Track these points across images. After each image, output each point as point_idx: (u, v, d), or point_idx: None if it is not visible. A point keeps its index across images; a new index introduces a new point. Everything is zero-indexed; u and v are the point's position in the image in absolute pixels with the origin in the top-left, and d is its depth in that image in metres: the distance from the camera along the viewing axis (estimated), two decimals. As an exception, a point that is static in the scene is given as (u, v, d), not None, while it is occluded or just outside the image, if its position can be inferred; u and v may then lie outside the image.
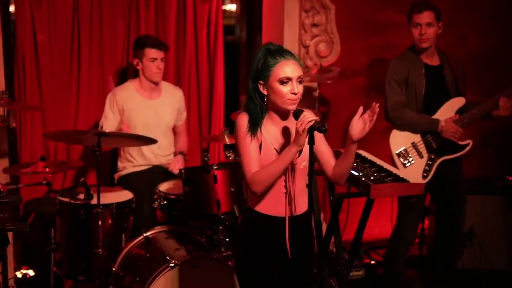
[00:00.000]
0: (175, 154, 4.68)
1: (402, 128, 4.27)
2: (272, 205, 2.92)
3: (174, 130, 4.75)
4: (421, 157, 4.25)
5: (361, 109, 2.85)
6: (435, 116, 4.25)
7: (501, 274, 4.95)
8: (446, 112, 4.27)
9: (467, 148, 4.29)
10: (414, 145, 4.26)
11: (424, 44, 4.25)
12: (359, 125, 2.82)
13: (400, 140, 4.28)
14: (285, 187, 2.91)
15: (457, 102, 4.29)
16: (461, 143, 4.27)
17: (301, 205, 2.95)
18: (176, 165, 4.52)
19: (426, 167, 4.24)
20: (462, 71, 4.37)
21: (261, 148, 2.87)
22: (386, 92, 4.30)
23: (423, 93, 4.24)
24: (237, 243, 3.07)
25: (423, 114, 4.24)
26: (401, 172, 3.38)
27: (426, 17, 4.21)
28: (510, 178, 5.18)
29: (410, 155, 4.24)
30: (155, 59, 4.43)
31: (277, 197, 2.91)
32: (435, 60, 4.33)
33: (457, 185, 4.39)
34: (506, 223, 4.98)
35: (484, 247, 4.96)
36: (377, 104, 2.83)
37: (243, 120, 2.87)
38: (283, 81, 2.81)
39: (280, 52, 2.84)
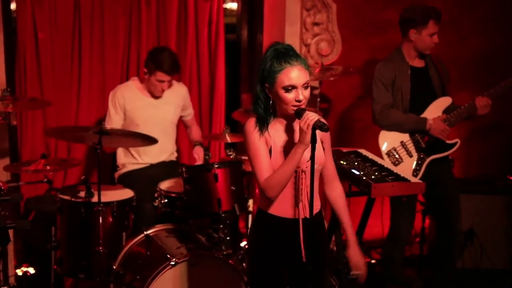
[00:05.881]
0: (194, 144, 4.65)
1: (389, 128, 4.28)
2: (286, 207, 2.88)
3: (185, 124, 4.77)
4: (411, 156, 4.26)
5: None
6: (422, 116, 4.27)
7: (502, 273, 4.94)
8: (434, 111, 4.28)
9: (455, 147, 4.30)
10: (403, 144, 4.27)
11: (430, 51, 4.27)
12: None
13: (389, 140, 4.29)
14: (298, 189, 2.87)
15: (444, 101, 4.32)
16: (448, 142, 4.28)
17: (315, 207, 2.90)
18: (200, 155, 4.50)
19: (416, 167, 4.25)
20: (446, 74, 4.39)
21: (271, 152, 2.84)
22: (373, 94, 4.32)
23: (409, 95, 4.26)
24: (249, 246, 3.06)
25: (410, 114, 4.26)
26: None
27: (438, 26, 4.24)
28: (510, 178, 5.18)
29: (399, 154, 4.25)
30: (162, 81, 4.43)
31: (291, 199, 2.87)
32: (421, 62, 4.35)
33: (448, 185, 4.39)
34: (507, 222, 4.98)
35: (485, 247, 4.95)
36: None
37: (251, 125, 2.83)
38: (287, 89, 2.76)
39: (286, 57, 2.76)
